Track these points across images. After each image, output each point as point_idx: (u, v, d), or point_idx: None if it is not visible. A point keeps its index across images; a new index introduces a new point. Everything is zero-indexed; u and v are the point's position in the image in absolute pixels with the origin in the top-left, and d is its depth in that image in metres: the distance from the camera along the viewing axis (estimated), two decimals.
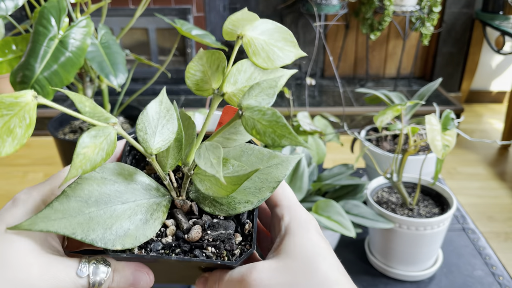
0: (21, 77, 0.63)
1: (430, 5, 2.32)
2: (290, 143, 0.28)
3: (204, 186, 0.31)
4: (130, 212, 0.30)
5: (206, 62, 0.32)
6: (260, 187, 0.33)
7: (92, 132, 0.27)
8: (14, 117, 0.25)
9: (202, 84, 0.32)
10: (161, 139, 0.31)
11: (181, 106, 2.47)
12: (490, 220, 1.72)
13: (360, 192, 0.79)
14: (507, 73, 2.74)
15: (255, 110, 0.28)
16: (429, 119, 0.67)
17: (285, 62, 0.31)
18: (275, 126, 0.27)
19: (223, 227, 0.32)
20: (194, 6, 2.40)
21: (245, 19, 0.31)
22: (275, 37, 0.31)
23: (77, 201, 0.29)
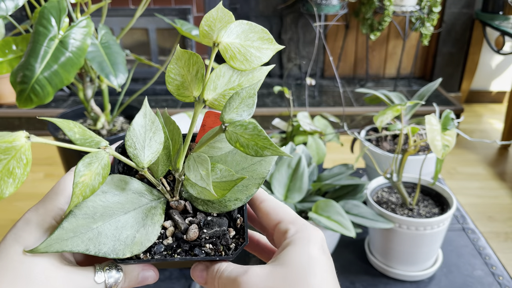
0: (22, 77, 0.63)
1: (430, 5, 2.33)
2: (272, 154, 0.29)
3: (195, 190, 0.33)
4: (132, 220, 0.32)
5: (185, 66, 0.33)
6: (247, 184, 0.35)
7: (86, 159, 0.29)
8: (12, 160, 0.27)
9: (183, 90, 0.33)
10: (150, 152, 0.33)
11: (181, 106, 2.47)
12: (490, 220, 1.72)
13: (360, 192, 0.79)
14: (507, 73, 2.74)
15: (237, 125, 0.30)
16: (429, 119, 0.67)
17: (263, 61, 0.32)
18: (257, 139, 0.29)
19: (217, 225, 0.34)
20: (194, 6, 2.40)
21: (220, 20, 0.31)
22: (251, 38, 0.32)
23: (84, 218, 0.31)
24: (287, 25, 2.66)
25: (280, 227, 0.33)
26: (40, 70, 0.63)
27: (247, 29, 0.32)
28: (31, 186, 1.97)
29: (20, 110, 2.44)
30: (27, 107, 0.64)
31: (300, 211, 0.76)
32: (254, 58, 0.32)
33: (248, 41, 0.32)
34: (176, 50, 0.33)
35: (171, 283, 0.76)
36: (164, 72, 2.45)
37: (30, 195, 1.91)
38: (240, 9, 2.58)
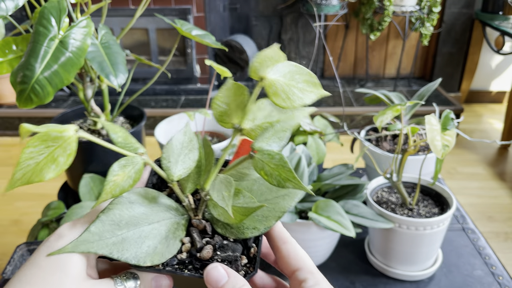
0: (22, 77, 0.63)
1: (429, 5, 2.33)
2: (293, 187, 0.31)
3: (217, 212, 0.35)
4: (155, 232, 0.34)
5: (232, 95, 0.35)
6: (267, 215, 0.36)
7: (122, 162, 0.32)
8: (58, 148, 0.30)
9: (225, 117, 0.35)
10: (183, 167, 0.35)
11: (181, 106, 2.47)
12: (489, 220, 1.72)
13: (360, 192, 0.79)
14: (507, 73, 2.74)
15: (265, 154, 0.31)
16: (429, 119, 0.67)
17: (304, 103, 0.33)
18: (281, 170, 0.31)
19: (231, 249, 0.35)
20: (194, 7, 2.40)
21: (271, 59, 0.33)
22: (296, 79, 0.33)
23: (110, 225, 0.33)
24: (287, 25, 2.66)
25: (299, 275, 0.33)
26: (40, 70, 0.63)
27: (294, 70, 0.33)
28: (31, 186, 1.96)
29: (20, 110, 2.44)
30: (27, 107, 0.64)
31: (300, 211, 0.76)
32: (296, 98, 0.33)
33: (293, 81, 0.33)
34: (227, 81, 0.35)
35: None
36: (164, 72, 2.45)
37: (30, 195, 1.91)
38: (240, 9, 2.58)
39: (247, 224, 0.35)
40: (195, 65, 2.56)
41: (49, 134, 0.29)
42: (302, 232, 0.74)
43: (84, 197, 0.85)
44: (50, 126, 0.30)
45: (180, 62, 2.58)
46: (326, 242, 0.78)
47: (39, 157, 0.29)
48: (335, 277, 0.79)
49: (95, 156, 0.89)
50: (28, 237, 0.89)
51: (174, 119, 1.07)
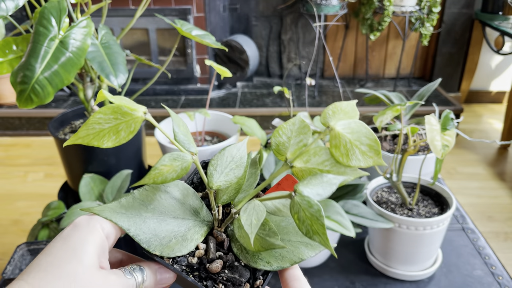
0: (22, 77, 0.63)
1: (429, 5, 2.33)
2: (319, 242, 0.31)
3: (239, 233, 0.35)
4: (176, 227, 0.35)
5: (296, 131, 0.36)
6: (284, 255, 0.36)
7: (174, 155, 0.33)
8: (124, 123, 0.32)
9: (282, 148, 0.36)
10: (225, 179, 0.36)
11: (181, 106, 2.47)
12: (489, 220, 1.72)
13: (359, 192, 0.80)
14: (507, 73, 2.74)
15: (305, 200, 0.31)
16: (429, 119, 0.67)
17: (360, 165, 0.33)
18: (315, 221, 0.30)
19: (239, 273, 0.35)
20: (194, 7, 2.40)
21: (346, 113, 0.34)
22: (362, 140, 0.33)
23: (139, 204, 0.35)
24: (287, 25, 2.66)
25: None
26: (40, 70, 0.63)
27: (363, 131, 0.33)
28: (31, 186, 1.97)
29: (21, 110, 2.44)
30: (27, 107, 0.64)
31: None
32: (354, 158, 0.33)
33: (357, 141, 0.33)
34: (297, 117, 0.36)
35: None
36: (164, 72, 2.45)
37: (30, 195, 1.91)
38: (240, 9, 2.58)
39: (262, 256, 0.36)
40: (195, 65, 2.56)
41: (121, 108, 0.31)
42: None
43: (84, 197, 0.85)
44: (124, 100, 0.32)
45: (180, 62, 2.58)
46: None
47: (105, 125, 0.32)
48: (335, 277, 0.79)
49: (95, 156, 0.89)
50: (28, 237, 0.89)
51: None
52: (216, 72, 0.93)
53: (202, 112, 0.98)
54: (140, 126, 0.32)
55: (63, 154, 0.92)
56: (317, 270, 0.80)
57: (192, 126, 1.09)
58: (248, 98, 2.55)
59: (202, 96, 2.59)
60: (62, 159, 0.95)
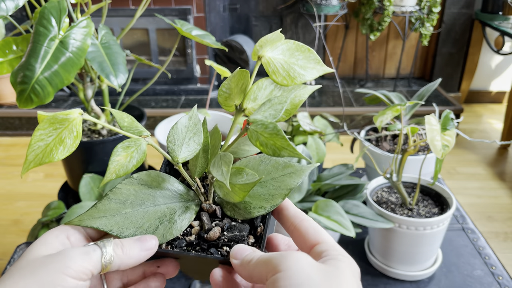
0: (22, 77, 0.63)
1: (429, 5, 2.33)
2: (289, 155, 0.31)
3: (222, 192, 0.36)
4: (160, 213, 0.35)
5: (235, 80, 0.35)
6: (273, 194, 0.36)
7: (126, 143, 0.33)
8: (65, 130, 0.32)
9: (228, 101, 0.36)
10: (187, 150, 0.36)
11: (181, 106, 2.47)
12: (489, 220, 1.72)
13: (359, 192, 0.80)
14: (507, 73, 2.74)
15: (259, 124, 0.31)
16: (429, 119, 0.67)
17: (306, 79, 0.33)
18: (275, 138, 0.31)
19: (238, 229, 0.35)
20: (194, 7, 2.40)
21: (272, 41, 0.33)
22: (296, 56, 0.33)
23: (116, 203, 0.35)
24: (287, 25, 2.66)
25: (319, 248, 0.32)
26: (40, 70, 0.63)
27: (293, 47, 0.34)
28: (31, 186, 1.97)
29: (21, 110, 2.44)
30: (27, 107, 0.64)
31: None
32: (297, 75, 0.33)
33: (292, 59, 0.33)
34: (236, 70, 0.35)
35: (171, 283, 0.76)
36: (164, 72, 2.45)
37: (30, 195, 1.91)
38: (240, 9, 2.58)
39: (253, 204, 0.36)
40: (195, 65, 2.56)
41: (56, 117, 0.31)
42: None
43: (84, 197, 0.85)
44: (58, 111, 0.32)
45: (180, 62, 2.58)
46: None
47: (48, 139, 0.32)
48: None
49: (95, 156, 0.89)
50: (28, 237, 0.89)
51: (174, 119, 1.07)
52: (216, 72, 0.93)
53: (202, 112, 0.98)
54: (81, 128, 0.32)
55: None
56: None
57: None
58: None
59: (202, 96, 2.59)
60: (62, 159, 0.95)
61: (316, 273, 0.28)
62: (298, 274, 0.28)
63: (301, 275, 0.27)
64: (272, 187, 0.36)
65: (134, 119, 0.36)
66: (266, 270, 0.29)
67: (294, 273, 0.28)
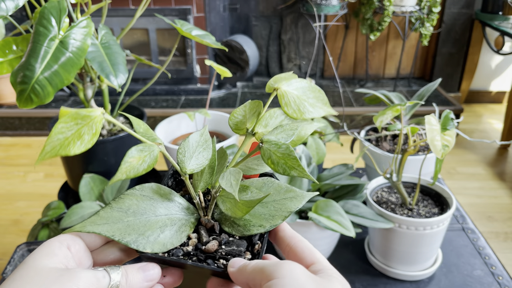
0: (22, 77, 0.63)
1: (429, 5, 2.33)
2: (298, 175, 0.33)
3: (225, 206, 0.37)
4: (161, 223, 0.36)
5: (249, 108, 0.39)
6: (273, 214, 0.37)
7: (140, 147, 0.35)
8: (85, 126, 0.33)
9: (240, 125, 0.39)
10: (196, 163, 0.38)
11: (181, 106, 2.47)
12: (489, 220, 1.72)
13: (359, 192, 0.80)
14: (507, 73, 2.74)
15: (272, 143, 0.34)
16: (429, 119, 0.67)
17: (313, 116, 0.36)
18: (287, 158, 0.33)
19: (236, 245, 0.36)
20: (194, 7, 2.40)
21: (286, 79, 0.37)
22: (308, 94, 0.37)
23: (118, 211, 0.36)
24: (287, 25, 2.66)
25: (316, 267, 0.33)
26: (40, 70, 0.63)
27: (306, 86, 0.37)
28: (31, 186, 1.97)
29: (21, 110, 2.44)
30: (27, 107, 0.64)
31: (300, 211, 0.76)
32: (306, 111, 0.36)
33: (304, 96, 0.36)
34: (249, 101, 0.39)
35: None
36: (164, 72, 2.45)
37: (30, 195, 1.91)
38: (240, 9, 2.58)
39: (253, 222, 0.37)
40: (195, 65, 2.56)
41: (79, 113, 0.33)
42: (302, 232, 0.74)
43: (84, 197, 0.85)
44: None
45: (180, 62, 2.58)
46: (326, 242, 0.78)
47: (68, 133, 0.33)
48: None
49: (95, 156, 0.89)
50: (28, 237, 0.89)
51: (174, 119, 1.07)
52: (216, 72, 0.93)
53: (202, 112, 0.98)
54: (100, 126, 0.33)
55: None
56: None
57: (192, 126, 1.09)
58: (248, 98, 2.55)
59: (202, 96, 2.59)
60: (62, 159, 0.95)
61: (309, 282, 0.29)
62: (293, 282, 0.29)
63: (295, 283, 0.29)
64: (273, 208, 0.37)
65: (149, 128, 0.38)
66: (261, 277, 0.31)
67: (289, 281, 0.29)
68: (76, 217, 0.78)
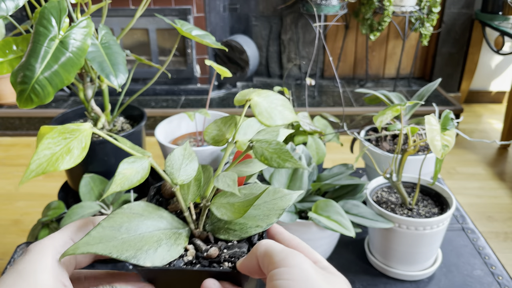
0: (22, 77, 0.63)
1: (429, 5, 2.33)
2: (292, 166, 0.36)
3: (220, 212, 0.37)
4: (156, 238, 0.36)
5: (221, 123, 0.41)
6: (268, 214, 0.39)
7: (131, 159, 0.35)
8: (74, 140, 0.32)
9: (218, 138, 0.41)
10: (185, 173, 0.39)
11: (181, 106, 2.47)
12: (489, 220, 1.72)
13: (359, 192, 0.80)
14: (507, 73, 2.74)
15: (263, 142, 0.36)
16: (429, 119, 0.67)
17: (284, 122, 0.39)
18: (279, 152, 0.36)
19: (237, 247, 0.37)
20: (194, 7, 2.40)
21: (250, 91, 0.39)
22: (276, 103, 0.39)
23: (110, 230, 0.35)
24: (287, 25, 2.66)
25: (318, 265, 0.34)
26: (40, 70, 0.63)
27: (273, 96, 0.39)
28: (31, 186, 1.97)
29: (21, 110, 2.44)
30: (27, 107, 0.64)
31: (300, 211, 0.76)
32: (277, 118, 0.38)
33: (273, 104, 0.39)
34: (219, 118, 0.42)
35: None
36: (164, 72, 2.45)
37: (31, 195, 1.91)
38: (240, 9, 2.58)
39: (249, 224, 0.38)
40: (195, 65, 2.56)
41: (68, 127, 0.32)
42: (302, 232, 0.74)
43: (84, 197, 0.85)
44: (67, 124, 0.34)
45: (180, 62, 2.58)
46: (326, 242, 0.78)
47: (56, 148, 0.32)
48: None
49: (95, 156, 0.89)
50: (28, 237, 0.89)
51: (174, 119, 1.07)
52: (216, 72, 0.93)
53: (202, 112, 0.98)
54: (89, 141, 0.33)
55: None
56: None
57: (192, 126, 1.09)
58: None
59: (202, 96, 2.59)
60: None
61: (317, 275, 0.30)
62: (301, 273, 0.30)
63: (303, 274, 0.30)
64: (266, 209, 0.39)
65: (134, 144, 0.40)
66: (269, 261, 0.31)
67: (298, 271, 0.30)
68: (76, 217, 0.79)
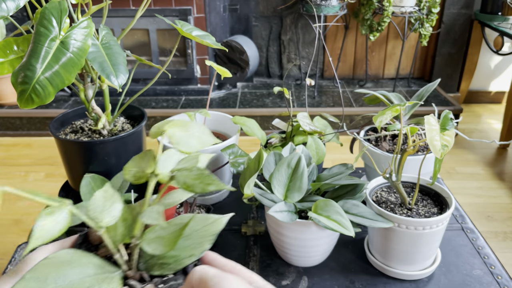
0: (23, 77, 0.63)
1: (429, 6, 2.33)
2: (216, 188, 0.36)
3: (151, 247, 0.37)
4: (88, 284, 0.34)
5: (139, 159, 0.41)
6: (200, 241, 0.38)
7: (49, 209, 0.34)
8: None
9: (138, 175, 0.40)
10: (110, 215, 0.38)
11: (181, 106, 2.47)
12: (488, 220, 1.73)
13: (359, 192, 0.80)
14: (506, 73, 2.75)
15: (184, 170, 0.37)
16: (428, 119, 0.67)
17: (203, 147, 0.40)
18: (202, 177, 0.36)
19: (173, 280, 0.36)
20: (194, 7, 2.40)
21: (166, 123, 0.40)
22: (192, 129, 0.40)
23: (35, 281, 0.33)
24: (287, 25, 2.66)
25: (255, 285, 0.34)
26: (41, 71, 0.63)
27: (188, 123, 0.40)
28: (32, 186, 1.97)
29: (21, 110, 2.44)
30: (28, 107, 0.64)
31: (300, 211, 0.77)
32: (193, 145, 0.39)
33: (190, 132, 0.40)
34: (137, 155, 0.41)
35: None
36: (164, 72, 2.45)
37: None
38: (240, 10, 2.59)
39: (183, 255, 0.37)
40: (195, 66, 2.56)
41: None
42: (301, 232, 0.75)
43: (85, 197, 0.85)
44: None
45: (180, 62, 2.58)
46: (326, 242, 0.79)
47: None
48: (335, 276, 0.79)
49: (96, 156, 0.90)
50: (29, 236, 0.90)
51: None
52: (216, 72, 0.93)
53: (203, 112, 0.98)
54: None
55: (64, 154, 0.93)
56: (316, 269, 0.80)
57: None
58: (248, 98, 2.55)
59: (203, 96, 2.59)
60: (63, 159, 0.95)
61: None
62: None
63: None
64: (197, 237, 0.38)
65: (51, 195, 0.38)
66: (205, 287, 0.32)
67: None
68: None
